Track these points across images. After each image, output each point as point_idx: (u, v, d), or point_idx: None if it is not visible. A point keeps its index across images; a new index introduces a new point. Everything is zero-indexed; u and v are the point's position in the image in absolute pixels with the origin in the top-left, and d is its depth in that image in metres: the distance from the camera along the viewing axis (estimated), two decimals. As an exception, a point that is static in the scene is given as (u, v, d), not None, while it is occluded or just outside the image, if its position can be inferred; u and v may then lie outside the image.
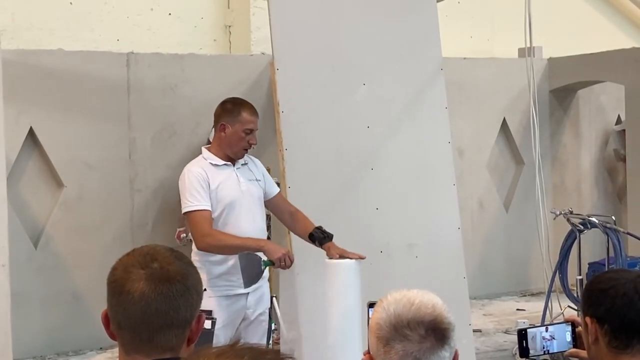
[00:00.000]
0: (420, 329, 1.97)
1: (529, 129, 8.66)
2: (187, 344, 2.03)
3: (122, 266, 2.03)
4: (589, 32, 10.50)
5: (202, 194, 4.46)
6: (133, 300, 1.96)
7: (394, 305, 2.01)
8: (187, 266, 2.04)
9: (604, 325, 2.30)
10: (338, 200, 6.07)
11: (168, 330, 1.97)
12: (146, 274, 1.98)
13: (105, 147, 7.46)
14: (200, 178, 4.49)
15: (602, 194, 9.78)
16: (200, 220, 4.43)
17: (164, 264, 2.00)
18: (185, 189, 4.50)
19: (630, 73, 8.63)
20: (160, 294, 1.96)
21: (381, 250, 5.98)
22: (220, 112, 4.68)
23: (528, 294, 9.20)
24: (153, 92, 7.63)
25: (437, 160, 6.37)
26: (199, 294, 2.04)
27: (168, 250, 2.06)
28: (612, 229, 6.13)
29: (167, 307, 1.96)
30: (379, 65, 6.28)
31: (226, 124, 4.59)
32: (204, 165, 4.57)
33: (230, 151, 4.61)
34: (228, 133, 4.58)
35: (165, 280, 1.97)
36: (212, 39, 8.96)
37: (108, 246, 7.41)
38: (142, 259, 2.01)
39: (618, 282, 2.31)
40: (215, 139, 4.68)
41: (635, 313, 2.27)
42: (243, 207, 4.57)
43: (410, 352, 1.95)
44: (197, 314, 2.04)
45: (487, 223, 9.14)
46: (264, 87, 8.02)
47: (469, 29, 9.96)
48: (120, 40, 8.39)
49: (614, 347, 2.30)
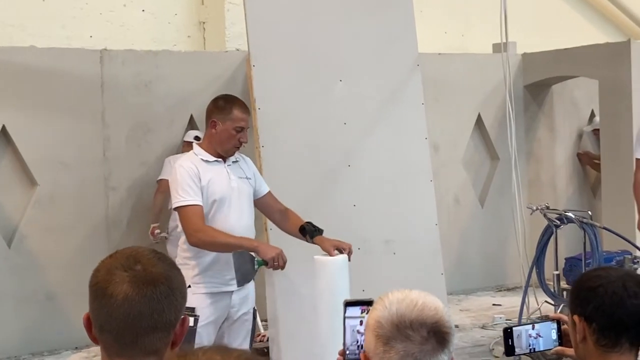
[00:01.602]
0: (422, 331, 1.94)
1: (503, 124, 8.69)
2: (171, 347, 2.00)
3: (104, 268, 1.99)
4: (562, 27, 10.55)
5: (194, 189, 4.44)
6: (116, 303, 1.93)
7: (396, 305, 1.98)
8: (171, 268, 2.01)
9: (592, 323, 2.29)
10: (315, 197, 6.05)
11: (152, 334, 1.94)
12: (129, 276, 1.94)
13: (79, 145, 7.38)
14: (192, 173, 4.47)
15: (577, 189, 9.83)
16: (193, 216, 4.41)
17: (147, 265, 1.96)
18: (177, 184, 4.47)
19: (604, 68, 8.67)
20: (144, 296, 1.93)
21: (359, 247, 5.94)
22: (212, 109, 4.63)
23: (504, 289, 9.22)
24: (127, 89, 7.56)
25: (414, 156, 6.37)
26: (183, 296, 2.01)
27: (151, 252, 2.03)
28: (588, 224, 6.14)
29: (151, 309, 1.93)
30: (355, 62, 6.27)
31: (217, 121, 4.56)
32: (195, 160, 4.55)
33: (220, 148, 4.59)
34: (219, 130, 4.55)
35: (149, 283, 1.94)
36: (186, 35, 8.90)
37: (82, 245, 7.35)
38: (125, 261, 1.97)
39: (606, 281, 2.30)
40: (206, 136, 4.67)
41: (624, 311, 2.26)
42: (232, 204, 4.55)
43: (411, 352, 1.92)
44: (181, 317, 2.01)
45: (463, 218, 9.16)
46: (239, 84, 7.98)
47: (443, 24, 9.98)
48: (93, 37, 8.31)
49: (602, 345, 2.29)
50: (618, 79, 8.52)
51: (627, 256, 6.43)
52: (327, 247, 4.49)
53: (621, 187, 8.40)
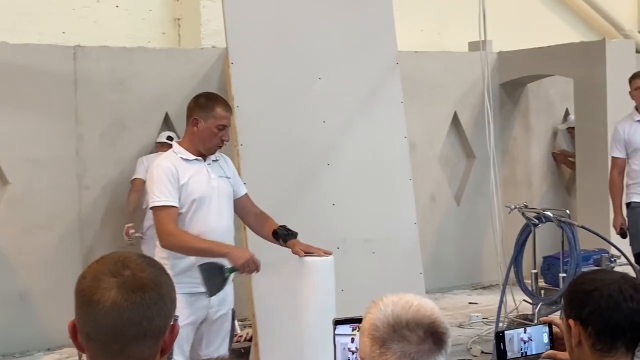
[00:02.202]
0: (419, 331, 1.90)
1: (479, 123, 8.70)
2: (160, 355, 1.94)
3: (91, 274, 1.91)
4: (537, 27, 10.57)
5: (170, 190, 4.36)
6: (104, 310, 1.86)
7: (392, 306, 1.94)
8: (161, 273, 1.95)
9: (588, 327, 2.26)
10: (294, 196, 6.00)
11: (142, 341, 1.88)
12: (118, 282, 1.87)
13: (52, 144, 7.27)
14: (170, 173, 4.39)
15: (552, 187, 9.87)
16: (166, 218, 4.34)
17: (136, 271, 1.90)
18: (154, 184, 4.40)
19: (579, 67, 8.70)
20: (134, 303, 1.86)
21: (338, 247, 5.92)
22: (194, 107, 4.53)
23: (480, 288, 9.23)
24: (101, 86, 7.46)
25: (394, 155, 6.34)
26: (173, 301, 1.95)
27: (140, 257, 1.96)
28: (567, 223, 6.14)
29: (141, 317, 1.86)
30: (335, 60, 6.23)
31: (199, 119, 4.46)
32: (174, 160, 4.46)
33: (202, 147, 4.50)
34: (201, 128, 4.46)
35: (138, 289, 1.87)
36: (161, 32, 8.80)
37: (56, 245, 7.26)
38: (113, 266, 1.90)
39: (602, 284, 2.26)
40: (187, 134, 4.56)
41: (620, 315, 2.23)
42: (213, 203, 4.48)
43: (408, 353, 1.88)
44: (171, 323, 1.95)
45: (439, 217, 9.15)
46: (215, 81, 7.90)
47: (419, 23, 9.95)
48: (66, 33, 8.19)
49: (598, 350, 2.26)
50: (593, 78, 8.55)
51: (605, 255, 6.45)
52: (297, 251, 4.44)
53: (596, 186, 8.44)
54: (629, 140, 6.79)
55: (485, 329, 7.37)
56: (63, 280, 7.22)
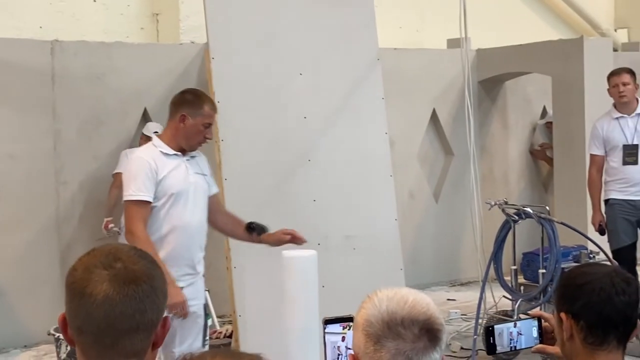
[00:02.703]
0: (414, 328, 1.88)
1: (458, 119, 8.71)
2: (152, 348, 1.92)
3: (82, 266, 1.89)
4: (515, 24, 10.61)
5: (147, 185, 4.36)
6: (96, 303, 1.83)
7: (386, 302, 1.92)
8: (153, 266, 1.92)
9: (580, 321, 2.26)
10: (275, 192, 5.98)
11: (134, 335, 1.86)
12: (110, 274, 1.85)
13: (29, 139, 7.21)
14: (148, 167, 4.38)
15: (529, 184, 9.92)
16: (137, 215, 4.35)
17: (128, 263, 1.87)
18: (132, 176, 4.41)
19: (557, 64, 8.74)
20: (126, 295, 1.83)
21: (319, 243, 5.89)
22: (181, 102, 4.54)
23: (457, 284, 9.25)
24: (79, 81, 7.40)
25: (374, 151, 6.33)
26: (164, 295, 1.93)
27: (132, 249, 1.93)
28: (546, 219, 6.16)
29: (133, 309, 1.84)
30: (315, 55, 6.21)
31: (187, 115, 4.47)
32: (154, 153, 4.47)
33: (186, 143, 4.51)
34: (188, 125, 4.46)
35: (130, 281, 1.85)
36: (139, 27, 8.74)
37: (32, 241, 7.20)
38: (104, 258, 1.88)
39: (594, 277, 2.27)
40: (170, 129, 4.54)
41: (612, 308, 2.23)
42: (189, 199, 4.48)
43: (403, 351, 1.87)
44: (162, 317, 1.92)
45: (417, 213, 9.17)
46: (193, 77, 7.87)
47: (398, 19, 9.95)
48: (43, 27, 8.11)
49: (589, 343, 2.26)
50: (571, 75, 8.59)
51: (583, 251, 6.49)
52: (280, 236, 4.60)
53: (573, 182, 8.49)
54: (607, 138, 6.82)
55: (464, 325, 7.39)
56: (40, 276, 7.17)
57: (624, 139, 6.75)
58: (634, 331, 2.30)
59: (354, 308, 2.07)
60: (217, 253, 7.24)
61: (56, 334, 5.84)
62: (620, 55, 9.93)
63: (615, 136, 6.79)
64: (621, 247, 6.74)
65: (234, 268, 5.74)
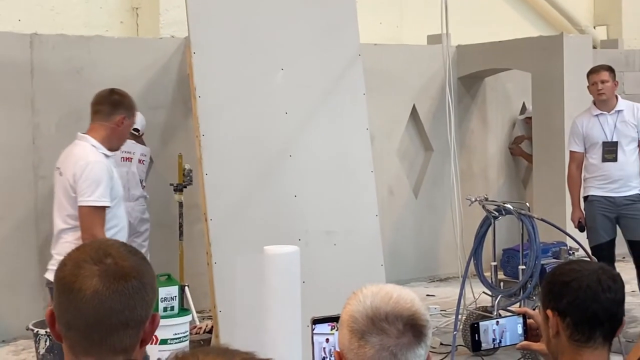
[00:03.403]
0: (398, 324, 1.87)
1: (438, 115, 8.73)
2: (140, 345, 1.90)
3: (72, 262, 1.87)
4: (495, 20, 10.64)
5: (108, 191, 4.41)
6: (85, 298, 1.82)
7: (370, 298, 1.91)
8: (143, 262, 1.91)
9: (566, 318, 2.27)
10: (256, 187, 5.97)
11: (122, 331, 1.84)
12: (99, 270, 1.83)
13: (7, 132, 7.15)
14: (108, 173, 4.43)
15: (507, 180, 9.95)
16: (100, 221, 4.38)
17: (118, 259, 1.86)
18: (95, 181, 4.38)
19: (537, 61, 8.77)
20: (115, 291, 1.82)
21: (299, 238, 5.91)
22: (118, 104, 4.60)
23: (437, 280, 9.28)
24: (58, 75, 7.35)
25: (355, 147, 6.33)
26: (154, 291, 1.92)
27: (122, 245, 1.93)
28: (526, 215, 6.19)
29: (123, 305, 1.83)
30: (297, 51, 6.20)
31: (125, 117, 4.57)
32: (101, 155, 4.49)
33: (117, 144, 4.63)
34: (125, 125, 4.58)
35: (120, 277, 1.83)
36: (119, 20, 8.68)
37: (10, 236, 7.15)
38: (94, 253, 1.87)
39: (580, 275, 2.27)
40: (105, 129, 4.54)
41: (598, 306, 2.24)
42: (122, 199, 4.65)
43: (387, 346, 1.86)
44: (151, 313, 1.91)
45: (397, 209, 9.18)
46: (173, 71, 7.84)
47: (378, 15, 9.94)
48: (22, 20, 8.04)
49: (575, 340, 2.27)
50: (551, 72, 8.63)
51: (563, 247, 6.52)
52: None
53: (552, 179, 8.52)
54: (586, 134, 6.86)
55: (444, 321, 7.41)
56: (18, 271, 7.11)
57: (604, 136, 6.78)
58: (619, 328, 2.31)
59: (334, 304, 2.06)
60: (197, 249, 7.24)
61: (35, 329, 5.79)
62: (600, 53, 9.99)
63: (594, 133, 6.82)
64: (600, 244, 6.78)
65: (214, 263, 5.73)
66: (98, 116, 4.57)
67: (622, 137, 6.77)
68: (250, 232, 5.78)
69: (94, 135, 4.54)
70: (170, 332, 5.53)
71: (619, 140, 6.76)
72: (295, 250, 4.25)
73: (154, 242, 7.38)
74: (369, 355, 1.87)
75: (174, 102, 7.87)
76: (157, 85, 7.80)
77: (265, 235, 5.51)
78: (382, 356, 1.86)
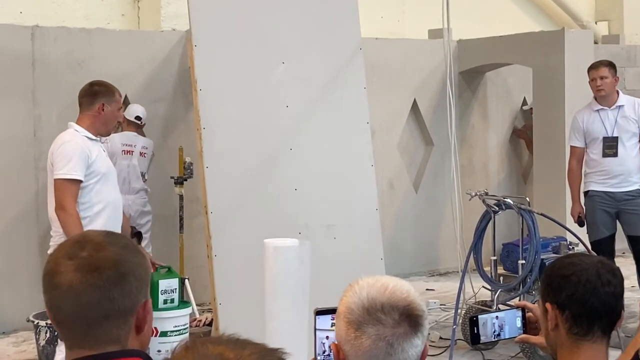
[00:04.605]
0: (394, 314, 1.88)
1: (438, 110, 8.73)
2: (136, 333, 1.90)
3: (52, 258, 1.89)
4: (496, 15, 10.63)
5: (80, 165, 4.76)
6: (62, 293, 1.83)
7: (367, 289, 1.92)
8: (123, 250, 1.87)
9: (565, 311, 2.27)
10: (256, 180, 5.98)
11: (105, 322, 1.84)
12: (74, 264, 1.84)
13: (9, 124, 7.16)
14: (81, 150, 4.78)
15: (507, 175, 9.96)
16: (70, 193, 4.74)
17: (93, 252, 1.85)
18: (66, 157, 4.76)
19: (538, 56, 8.77)
20: (89, 284, 1.82)
21: (300, 232, 5.91)
22: (96, 93, 5.00)
23: (436, 274, 9.29)
24: (59, 67, 7.36)
25: (356, 140, 6.34)
26: (139, 279, 1.87)
27: (101, 236, 1.90)
28: (526, 210, 6.19)
29: (99, 297, 1.82)
30: (298, 44, 6.20)
31: (105, 103, 4.95)
32: (82, 138, 4.87)
33: (104, 129, 5.05)
34: (107, 111, 4.95)
35: (93, 270, 1.83)
36: (120, 13, 8.68)
37: (11, 227, 7.16)
38: (70, 249, 1.87)
39: (580, 268, 2.27)
40: (88, 117, 4.95)
41: (597, 299, 2.24)
42: (111, 178, 4.98)
43: (383, 336, 1.87)
44: (142, 301, 1.89)
45: (397, 203, 9.19)
46: (174, 64, 7.84)
47: (379, 9, 9.94)
48: (23, 13, 8.04)
49: (574, 333, 2.27)
50: (552, 67, 8.63)
51: (563, 242, 6.51)
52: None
53: (553, 174, 8.53)
54: (587, 130, 6.86)
55: (443, 315, 7.42)
56: (18, 263, 7.13)
57: (604, 131, 6.78)
58: (618, 322, 2.31)
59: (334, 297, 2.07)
60: (197, 241, 7.25)
61: (35, 321, 5.81)
62: (601, 48, 9.98)
63: (595, 128, 6.82)
64: (600, 239, 6.78)
65: (214, 256, 5.73)
66: (82, 108, 5.02)
67: (622, 133, 6.77)
68: (251, 225, 5.79)
69: (79, 123, 4.97)
70: (171, 324, 5.55)
71: (620, 136, 6.76)
72: (296, 243, 4.25)
73: (154, 234, 7.40)
74: (366, 345, 1.88)
75: (174, 95, 7.88)
76: (158, 78, 7.81)
77: (265, 229, 5.52)
78: (378, 346, 1.87)
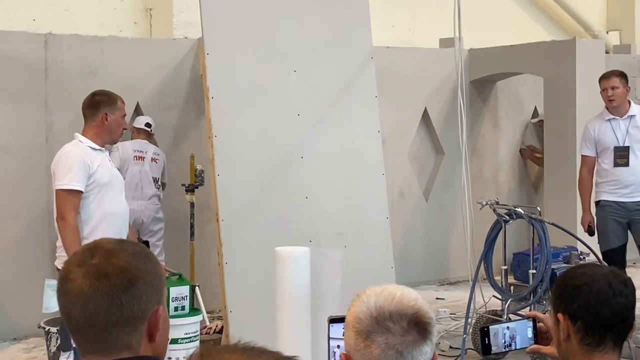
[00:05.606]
0: (402, 322, 1.89)
1: (449, 119, 8.74)
2: (148, 340, 1.90)
3: (65, 266, 1.92)
4: (507, 24, 10.64)
5: (81, 176, 4.78)
6: (72, 300, 1.85)
7: (374, 298, 1.93)
8: (133, 258, 1.88)
9: (577, 322, 2.27)
10: (267, 188, 5.99)
11: (114, 328, 1.85)
12: (83, 271, 1.86)
13: (22, 131, 7.20)
14: (81, 160, 4.82)
15: (518, 184, 9.95)
16: (70, 204, 4.77)
17: (103, 259, 1.87)
18: (66, 168, 4.80)
19: (549, 65, 8.77)
20: (97, 291, 1.83)
21: (310, 240, 5.92)
22: (98, 104, 5.03)
23: (446, 283, 9.28)
24: (72, 74, 7.39)
25: (367, 149, 6.35)
26: (149, 285, 1.88)
27: (112, 243, 1.91)
28: (537, 219, 6.18)
29: (108, 304, 1.83)
30: (309, 53, 6.22)
31: (108, 113, 4.98)
32: (83, 148, 4.90)
33: (110, 137, 5.08)
34: (110, 120, 4.98)
35: (102, 277, 1.84)
36: (133, 21, 8.72)
37: (24, 233, 7.18)
38: (81, 256, 1.89)
39: (592, 279, 2.28)
40: (92, 128, 5.00)
41: (609, 310, 2.25)
42: (116, 189, 4.99)
43: (392, 344, 1.87)
44: (153, 308, 1.90)
45: (407, 212, 9.19)
46: (186, 72, 7.87)
47: (390, 18, 9.96)
48: (36, 20, 8.09)
49: (586, 344, 2.27)
50: (563, 76, 8.62)
51: (574, 252, 6.51)
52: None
53: (563, 183, 8.52)
54: (598, 139, 6.85)
55: (453, 324, 7.41)
56: (31, 269, 7.15)
57: (616, 141, 6.78)
58: (629, 332, 2.31)
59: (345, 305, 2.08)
60: (208, 249, 7.27)
61: (46, 327, 5.82)
62: (612, 58, 9.97)
63: (606, 138, 6.82)
64: (611, 249, 6.77)
65: (225, 264, 5.75)
66: (86, 119, 5.06)
67: (634, 142, 6.76)
68: (261, 233, 5.80)
69: (84, 134, 5.01)
70: (181, 331, 5.56)
71: (631, 145, 6.75)
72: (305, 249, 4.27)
73: (165, 242, 7.42)
74: (375, 354, 1.88)
75: (186, 102, 7.91)
76: (170, 86, 7.84)
77: (276, 237, 5.53)
78: (388, 355, 1.88)
